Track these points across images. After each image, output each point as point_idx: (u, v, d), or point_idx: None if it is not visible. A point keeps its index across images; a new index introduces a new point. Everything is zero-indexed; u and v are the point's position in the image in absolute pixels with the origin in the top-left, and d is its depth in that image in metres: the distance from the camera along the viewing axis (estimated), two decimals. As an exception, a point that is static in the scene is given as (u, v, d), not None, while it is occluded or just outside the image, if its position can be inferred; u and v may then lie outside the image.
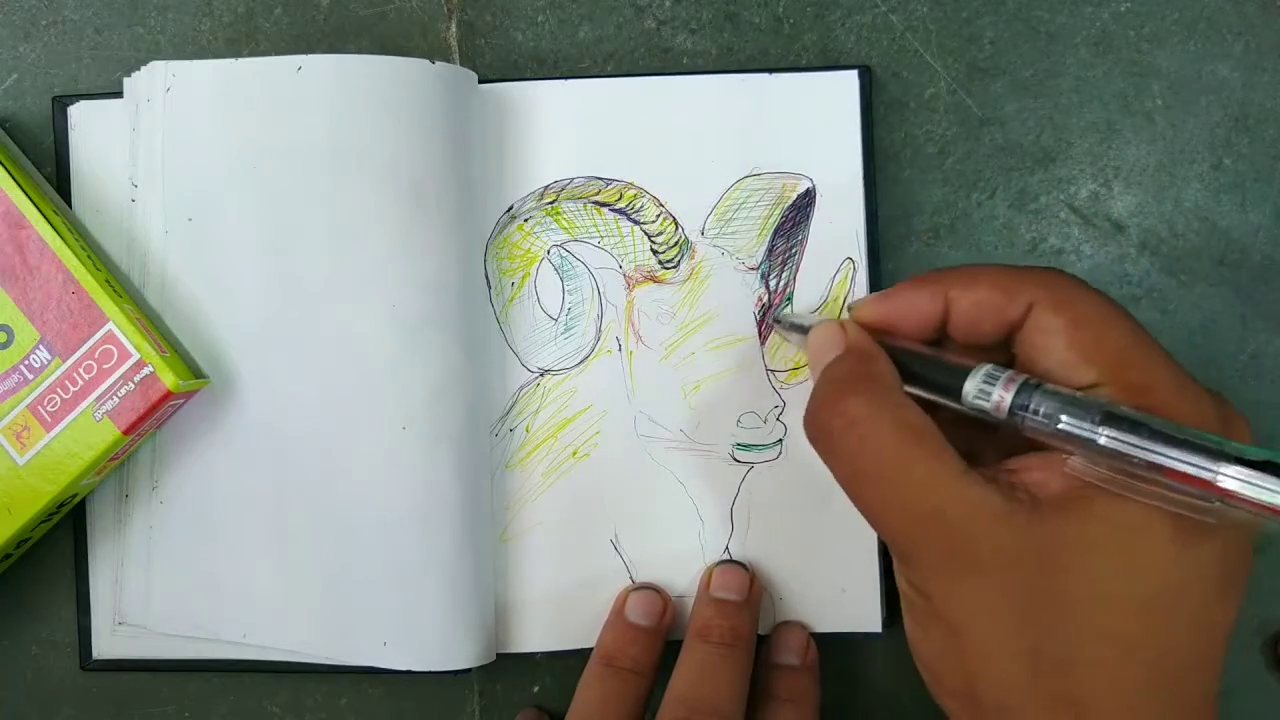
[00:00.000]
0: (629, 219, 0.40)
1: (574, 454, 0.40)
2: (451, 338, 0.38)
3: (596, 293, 0.40)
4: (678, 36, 0.41)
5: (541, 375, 0.40)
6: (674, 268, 0.40)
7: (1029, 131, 0.41)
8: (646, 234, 0.40)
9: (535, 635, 0.40)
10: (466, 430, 0.38)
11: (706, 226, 0.40)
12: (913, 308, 0.32)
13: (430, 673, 0.37)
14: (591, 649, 0.39)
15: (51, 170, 0.40)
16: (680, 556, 0.40)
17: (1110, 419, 0.27)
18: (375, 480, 0.37)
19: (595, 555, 0.40)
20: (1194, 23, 0.41)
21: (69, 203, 0.40)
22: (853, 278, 0.40)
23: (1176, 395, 0.29)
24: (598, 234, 0.40)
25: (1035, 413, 0.28)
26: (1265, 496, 0.25)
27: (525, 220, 0.40)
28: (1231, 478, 0.25)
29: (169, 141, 0.38)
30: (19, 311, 0.36)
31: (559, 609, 0.40)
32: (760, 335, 0.40)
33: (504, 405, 0.40)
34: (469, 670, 0.39)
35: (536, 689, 0.41)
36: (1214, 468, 0.26)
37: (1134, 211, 0.42)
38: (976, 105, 0.41)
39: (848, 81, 0.40)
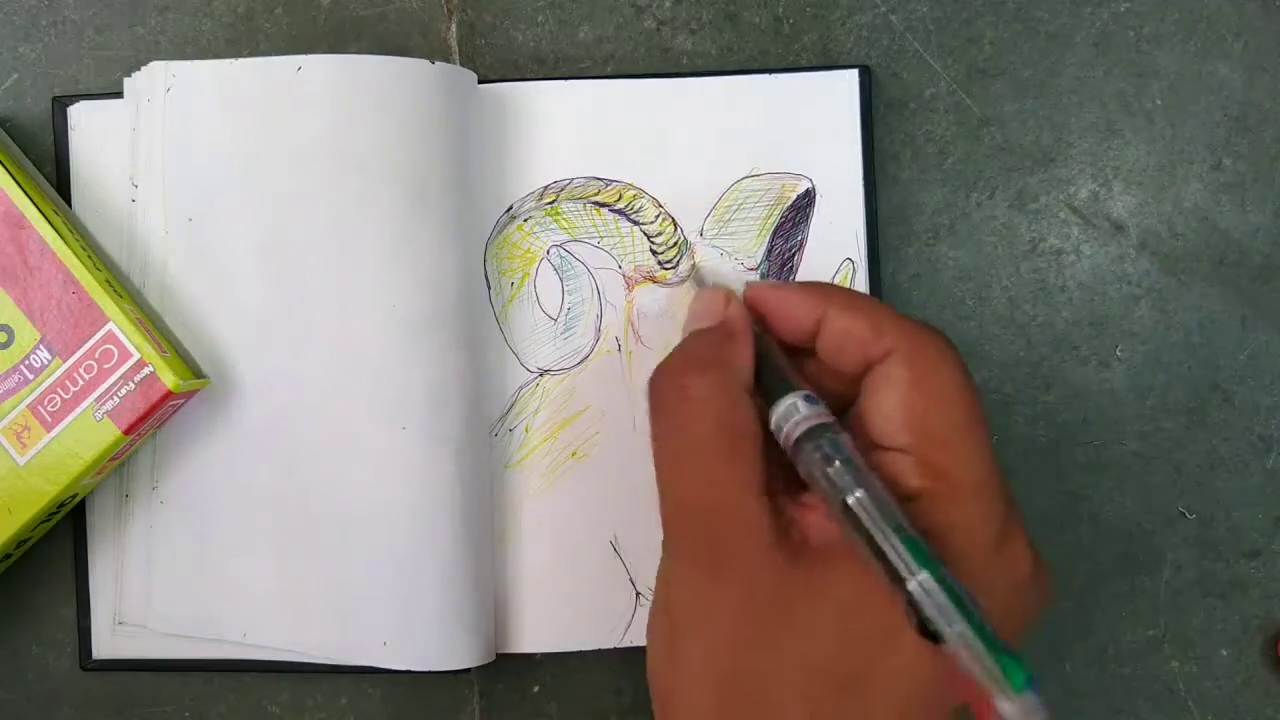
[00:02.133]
0: (628, 219, 0.40)
1: (573, 454, 0.40)
2: (451, 338, 0.38)
3: (596, 293, 0.40)
4: (678, 37, 0.41)
5: (541, 375, 0.40)
6: (673, 268, 0.40)
7: (1029, 131, 0.41)
8: (646, 234, 0.40)
9: (535, 635, 0.40)
10: (466, 430, 0.38)
11: (706, 227, 0.40)
12: (790, 309, 0.32)
13: (430, 673, 0.37)
14: (591, 650, 0.39)
15: (51, 170, 0.40)
16: (680, 556, 0.40)
17: (864, 486, 0.27)
18: (375, 480, 0.38)
19: (595, 556, 0.40)
20: (1194, 23, 0.41)
21: (69, 203, 0.40)
22: (852, 278, 0.40)
23: (968, 492, 0.29)
24: (597, 234, 0.40)
25: (814, 450, 0.28)
26: (938, 618, 0.25)
27: (525, 220, 0.40)
28: (919, 585, 0.25)
29: (169, 141, 0.38)
30: (19, 311, 0.36)
31: (559, 609, 0.40)
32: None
33: (503, 405, 0.40)
34: (469, 670, 0.39)
35: (536, 689, 0.41)
36: (913, 571, 0.26)
37: (1134, 211, 0.42)
38: (976, 105, 0.41)
39: (848, 81, 0.40)
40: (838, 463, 0.28)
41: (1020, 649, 0.25)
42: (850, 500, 0.27)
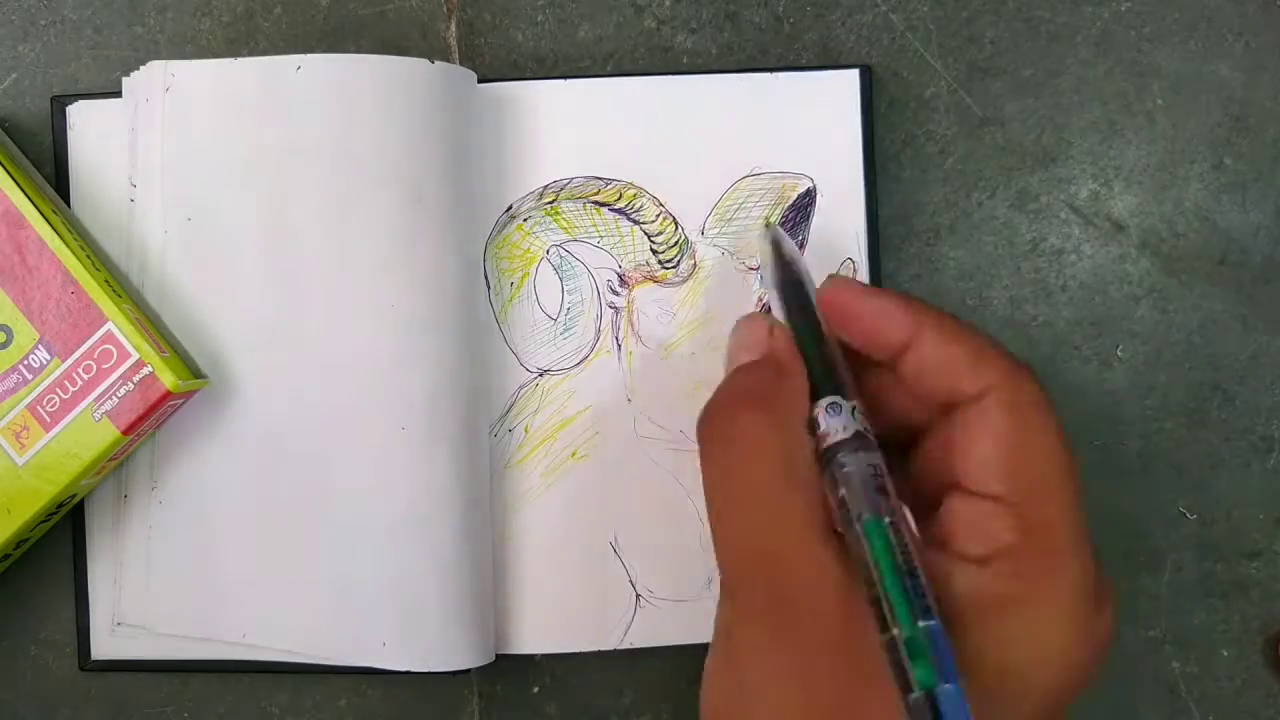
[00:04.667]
0: (628, 219, 0.40)
1: (573, 455, 0.40)
2: (450, 338, 0.38)
3: (596, 293, 0.40)
4: (677, 36, 0.41)
5: (541, 375, 0.40)
6: (673, 267, 0.40)
7: (1029, 131, 0.41)
8: (646, 234, 0.40)
9: (535, 635, 0.40)
10: (465, 430, 0.38)
11: (706, 226, 0.40)
12: (885, 321, 0.29)
13: (430, 673, 0.37)
14: (591, 652, 0.39)
15: (50, 170, 0.40)
16: (680, 559, 0.40)
17: (870, 521, 0.25)
18: (374, 480, 0.37)
19: (594, 557, 0.40)
20: (1195, 22, 0.41)
21: (68, 202, 0.40)
22: (852, 277, 0.40)
23: (1067, 550, 0.27)
24: (597, 234, 0.40)
25: (842, 465, 0.27)
26: (900, 675, 0.24)
27: (524, 220, 0.40)
28: (897, 637, 0.24)
29: (168, 141, 0.38)
30: (18, 311, 0.36)
31: (559, 609, 0.40)
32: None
33: (503, 405, 0.40)
34: (469, 670, 0.39)
35: (536, 689, 0.41)
36: (892, 624, 0.24)
37: (1134, 211, 0.42)
38: (977, 105, 0.41)
39: (848, 81, 0.40)
40: (856, 482, 0.26)
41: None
42: (856, 529, 0.26)
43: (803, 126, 0.40)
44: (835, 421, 0.28)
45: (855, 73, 0.40)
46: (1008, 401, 0.28)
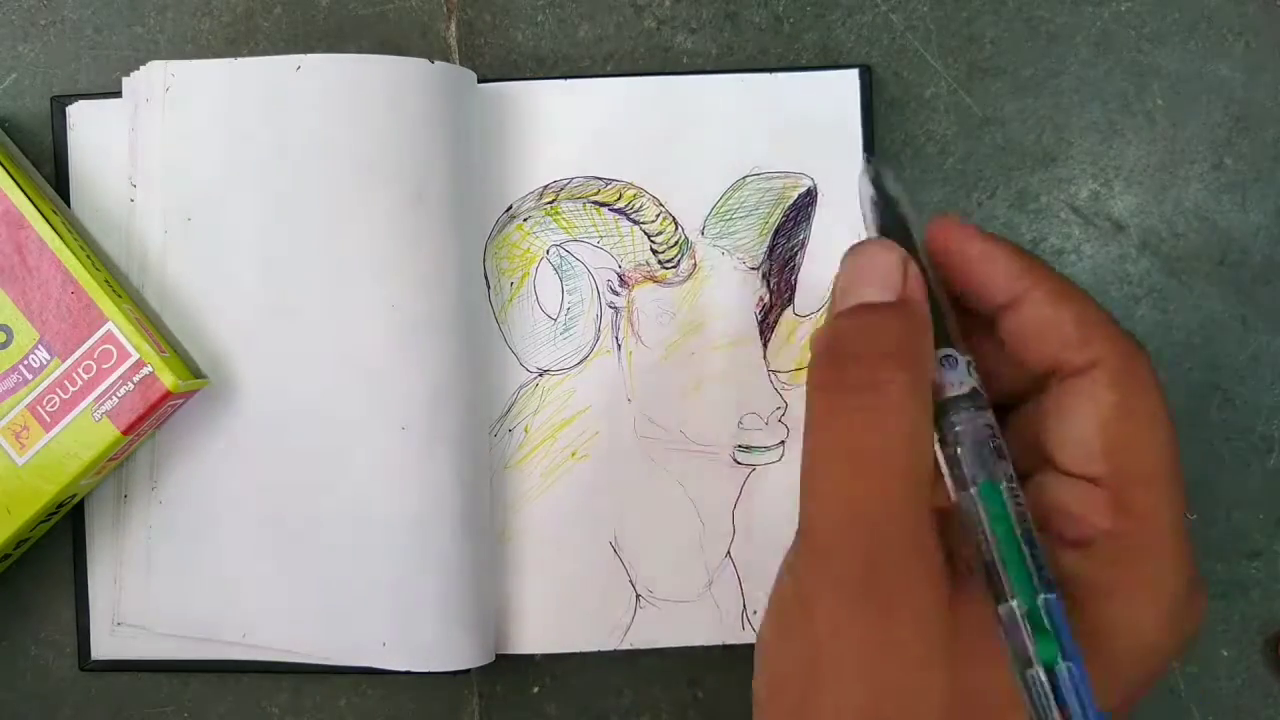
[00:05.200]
0: (628, 219, 0.40)
1: (573, 455, 0.40)
2: (450, 338, 0.38)
3: (596, 293, 0.40)
4: (677, 36, 0.41)
5: (541, 375, 0.40)
6: (674, 267, 0.40)
7: (1029, 131, 0.41)
8: (646, 234, 0.40)
9: (535, 635, 0.40)
10: (465, 430, 0.38)
11: (706, 226, 0.40)
12: (988, 271, 0.27)
13: (430, 673, 0.37)
14: (591, 652, 0.39)
15: (50, 170, 0.40)
16: (680, 559, 0.40)
17: (984, 485, 0.24)
18: (374, 480, 0.37)
19: (594, 557, 0.40)
20: (1194, 22, 0.41)
21: (68, 202, 0.40)
22: (853, 278, 0.40)
23: (1167, 539, 0.25)
24: (597, 234, 0.40)
25: (955, 424, 0.25)
26: (1019, 650, 0.23)
27: (524, 220, 0.40)
28: (1013, 609, 0.23)
29: (168, 141, 0.38)
30: (18, 311, 0.36)
31: (559, 610, 0.40)
32: (762, 336, 0.40)
33: (503, 406, 0.40)
34: (468, 671, 0.39)
35: (536, 689, 0.41)
36: (1011, 594, 0.23)
37: (1134, 211, 0.42)
38: (977, 105, 0.41)
39: (848, 81, 0.40)
40: (966, 444, 0.25)
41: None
42: (968, 492, 0.24)
43: (803, 126, 0.40)
44: (952, 375, 0.25)
45: (855, 73, 0.40)
46: (1116, 378, 0.26)
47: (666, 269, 0.40)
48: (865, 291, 0.27)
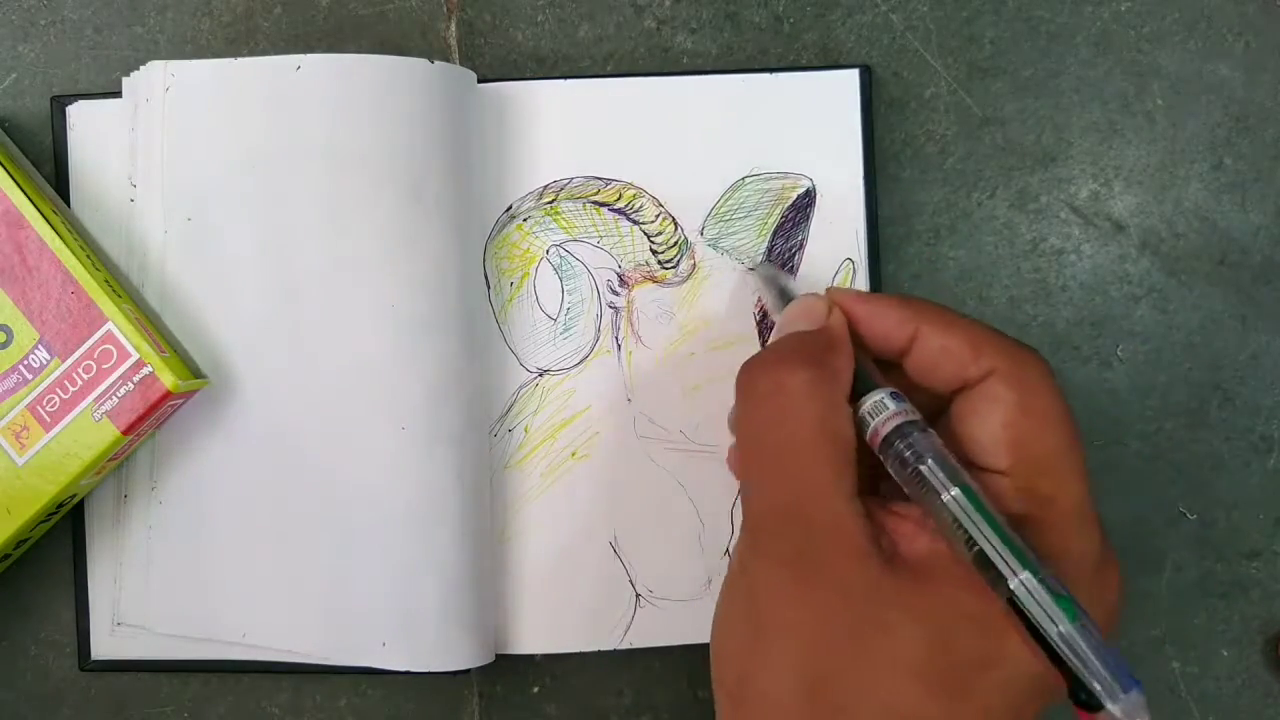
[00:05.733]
0: (628, 219, 0.40)
1: (573, 455, 0.40)
2: (450, 338, 0.38)
3: (595, 293, 0.40)
4: (677, 36, 0.41)
5: (540, 375, 0.40)
6: (673, 267, 0.40)
7: (1029, 131, 0.41)
8: (646, 234, 0.40)
9: (535, 635, 0.40)
10: (465, 430, 0.38)
11: (706, 226, 0.40)
12: (883, 322, 0.31)
13: (430, 673, 0.37)
14: (591, 652, 0.39)
15: (50, 170, 0.40)
16: (680, 559, 0.40)
17: (960, 483, 0.27)
18: (374, 480, 0.37)
19: (594, 557, 0.40)
20: (1194, 22, 0.41)
21: (68, 202, 0.40)
22: (853, 278, 0.40)
23: (1071, 519, 0.28)
24: (597, 234, 0.40)
25: (906, 448, 0.28)
26: (1043, 618, 0.25)
27: (524, 220, 0.40)
28: (1023, 585, 0.25)
29: (168, 141, 0.38)
30: (18, 311, 0.36)
31: (559, 609, 0.40)
32: (760, 336, 0.40)
33: (503, 405, 0.40)
34: (469, 670, 0.39)
35: (536, 689, 0.41)
36: (1015, 570, 0.26)
37: (1134, 211, 0.42)
38: (977, 105, 0.41)
39: (848, 81, 0.40)
40: (930, 460, 0.28)
41: None
42: (947, 497, 0.27)
43: (802, 126, 0.40)
44: (901, 405, 0.29)
45: (855, 73, 0.40)
46: (1011, 380, 0.29)
47: (666, 269, 0.40)
48: (795, 325, 0.32)
